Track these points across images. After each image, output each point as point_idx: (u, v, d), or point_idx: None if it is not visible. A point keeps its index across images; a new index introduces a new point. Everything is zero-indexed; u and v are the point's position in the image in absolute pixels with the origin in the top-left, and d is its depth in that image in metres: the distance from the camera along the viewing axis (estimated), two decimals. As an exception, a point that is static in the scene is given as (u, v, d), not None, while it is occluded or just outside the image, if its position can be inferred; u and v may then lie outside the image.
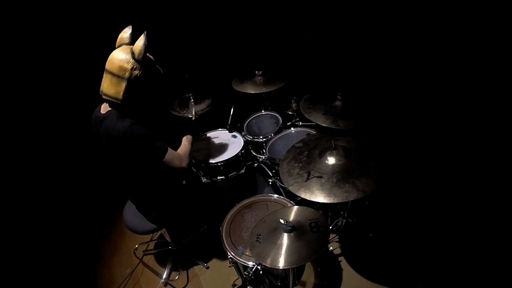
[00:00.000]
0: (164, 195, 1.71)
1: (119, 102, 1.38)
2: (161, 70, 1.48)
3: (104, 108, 1.47)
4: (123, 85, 1.36)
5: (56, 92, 2.70)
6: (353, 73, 2.61)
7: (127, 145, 1.40)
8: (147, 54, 1.41)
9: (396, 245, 1.93)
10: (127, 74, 1.35)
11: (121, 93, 1.37)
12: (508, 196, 1.93)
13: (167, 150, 1.51)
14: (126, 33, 1.44)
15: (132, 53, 1.36)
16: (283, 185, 1.73)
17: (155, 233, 2.31)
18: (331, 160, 1.51)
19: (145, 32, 1.35)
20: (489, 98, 2.02)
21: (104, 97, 1.42)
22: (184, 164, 1.59)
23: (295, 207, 1.40)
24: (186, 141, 1.73)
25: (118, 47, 1.43)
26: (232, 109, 2.22)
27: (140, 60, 1.36)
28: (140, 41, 1.35)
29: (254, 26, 3.01)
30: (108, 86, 1.38)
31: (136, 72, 1.36)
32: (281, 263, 1.16)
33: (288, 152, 1.71)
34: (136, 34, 1.43)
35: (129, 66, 1.35)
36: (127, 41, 1.43)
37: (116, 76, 1.36)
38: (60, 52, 2.60)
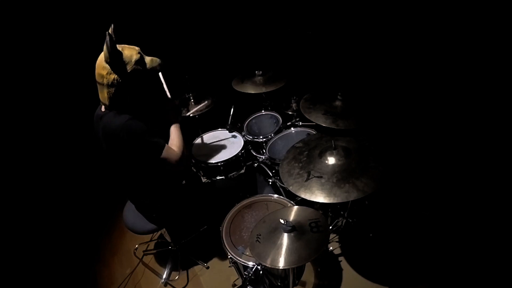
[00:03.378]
0: (164, 195, 1.71)
1: (107, 107, 1.40)
2: (155, 63, 1.42)
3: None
4: (105, 91, 1.35)
5: (56, 93, 2.71)
6: (353, 73, 2.61)
7: (122, 140, 1.37)
8: (125, 53, 1.34)
9: (396, 245, 1.93)
10: (105, 81, 1.33)
11: (107, 98, 1.36)
12: (508, 196, 1.93)
13: (164, 146, 1.46)
14: (109, 31, 1.38)
15: (104, 58, 1.30)
16: (283, 185, 1.73)
17: (155, 233, 2.31)
18: (331, 160, 1.51)
19: (107, 33, 1.26)
20: (488, 98, 2.02)
21: (101, 103, 1.44)
22: (180, 159, 1.49)
23: (295, 207, 1.40)
24: (174, 127, 1.61)
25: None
26: (232, 109, 2.22)
27: (110, 63, 1.30)
28: (104, 43, 1.26)
29: (254, 26, 3.01)
30: (99, 93, 1.40)
31: (112, 76, 1.31)
32: (281, 263, 1.16)
33: (288, 152, 1.71)
34: (132, 33, 1.42)
35: (104, 72, 1.32)
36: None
37: (98, 83, 1.36)
38: (60, 52, 2.60)
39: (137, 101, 1.42)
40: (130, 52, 1.37)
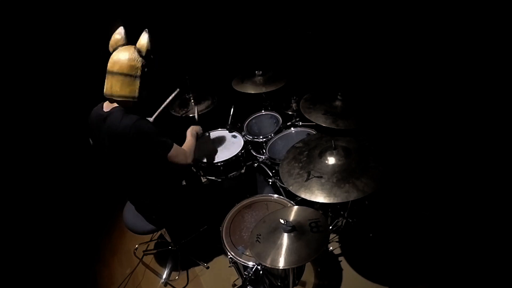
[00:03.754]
0: (164, 196, 1.71)
1: (136, 99, 1.43)
2: (156, 62, 1.51)
3: (107, 106, 1.48)
4: (137, 83, 1.41)
5: (56, 92, 2.71)
6: (353, 73, 2.61)
7: (132, 140, 1.40)
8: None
9: (396, 245, 1.93)
10: (139, 72, 1.40)
11: (137, 91, 1.42)
12: (508, 196, 1.93)
13: (172, 145, 1.52)
14: (120, 34, 1.45)
15: (139, 51, 1.40)
16: (283, 185, 1.73)
17: (155, 233, 2.31)
18: (331, 160, 1.51)
19: (146, 29, 1.40)
20: (488, 98, 2.02)
21: (116, 98, 1.43)
22: (190, 160, 1.60)
23: (295, 207, 1.40)
24: (190, 135, 1.74)
25: (115, 49, 1.43)
26: (232, 109, 2.22)
27: (147, 56, 1.41)
28: (145, 39, 1.40)
29: (254, 26, 3.01)
30: (121, 87, 1.41)
31: (146, 68, 1.42)
32: (281, 263, 1.16)
33: (288, 152, 1.71)
34: (131, 33, 1.44)
35: (139, 64, 1.40)
36: (122, 42, 1.44)
37: (129, 75, 1.39)
38: (59, 52, 2.60)
39: (149, 96, 1.50)
40: None
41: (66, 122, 2.78)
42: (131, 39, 1.46)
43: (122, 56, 1.39)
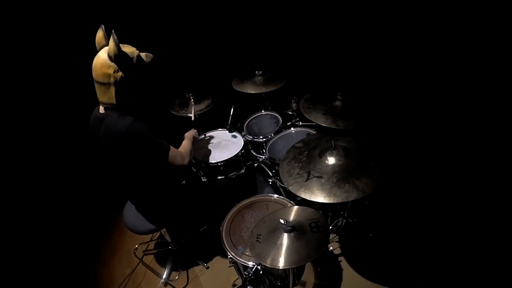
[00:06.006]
0: (164, 195, 1.71)
1: (114, 107, 1.40)
2: (149, 58, 1.43)
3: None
4: (112, 90, 1.35)
5: (56, 92, 2.71)
6: (353, 73, 2.61)
7: (128, 143, 1.39)
8: (125, 50, 1.35)
9: (396, 245, 1.93)
10: (112, 79, 1.33)
11: (113, 98, 1.37)
12: (508, 196, 1.93)
13: (169, 148, 1.50)
14: (99, 34, 1.39)
15: (109, 56, 1.31)
16: (283, 185, 1.73)
17: (155, 233, 2.31)
18: (331, 160, 1.51)
19: (113, 31, 1.28)
20: (488, 98, 2.02)
21: (102, 105, 1.43)
22: (186, 161, 1.58)
23: (295, 207, 1.40)
24: (187, 138, 1.75)
25: (99, 50, 1.39)
26: (232, 109, 2.22)
27: (118, 60, 1.32)
28: (111, 41, 1.29)
29: (254, 26, 3.01)
30: (101, 95, 1.39)
31: (120, 74, 1.33)
32: (281, 263, 1.16)
33: (288, 152, 1.71)
34: (131, 33, 1.41)
35: (110, 71, 1.32)
36: (104, 41, 1.38)
37: (103, 84, 1.35)
38: (59, 52, 2.59)
39: (141, 97, 1.45)
40: (130, 49, 1.39)
41: (66, 122, 2.78)
42: (130, 39, 1.45)
43: (96, 62, 1.34)
